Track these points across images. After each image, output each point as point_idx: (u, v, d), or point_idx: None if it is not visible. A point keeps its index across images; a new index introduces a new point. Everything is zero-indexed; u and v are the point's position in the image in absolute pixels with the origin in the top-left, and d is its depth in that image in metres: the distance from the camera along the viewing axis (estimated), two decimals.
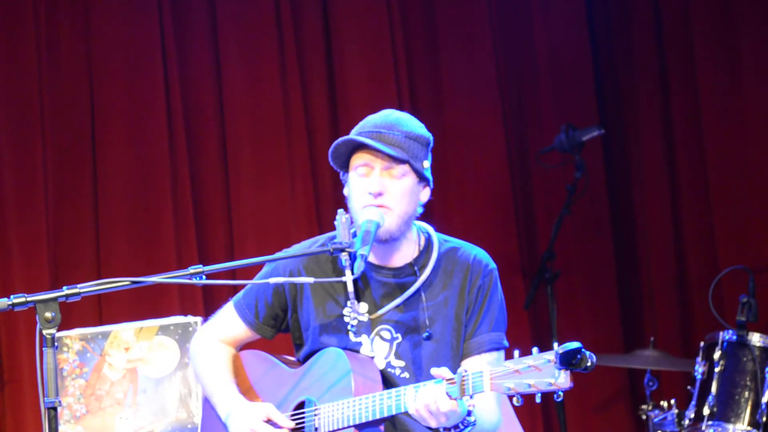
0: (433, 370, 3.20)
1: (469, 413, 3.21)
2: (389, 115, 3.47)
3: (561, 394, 2.97)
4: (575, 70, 6.66)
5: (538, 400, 3.00)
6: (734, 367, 5.17)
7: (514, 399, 3.02)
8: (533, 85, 6.62)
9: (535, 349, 3.01)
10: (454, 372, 3.17)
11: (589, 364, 2.91)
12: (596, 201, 6.58)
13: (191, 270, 3.21)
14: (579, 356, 2.90)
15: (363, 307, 3.51)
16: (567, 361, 2.91)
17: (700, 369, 5.25)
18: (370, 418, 3.33)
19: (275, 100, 6.16)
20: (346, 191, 3.51)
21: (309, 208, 6.13)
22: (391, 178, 3.41)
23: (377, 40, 6.32)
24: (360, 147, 3.42)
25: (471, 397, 3.13)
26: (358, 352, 3.50)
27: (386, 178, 3.40)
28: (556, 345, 2.95)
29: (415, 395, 3.21)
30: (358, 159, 3.43)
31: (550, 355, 2.95)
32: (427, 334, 3.47)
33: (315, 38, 6.26)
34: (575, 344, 2.91)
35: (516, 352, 3.06)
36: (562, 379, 2.94)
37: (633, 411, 6.38)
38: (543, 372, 2.96)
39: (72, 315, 5.40)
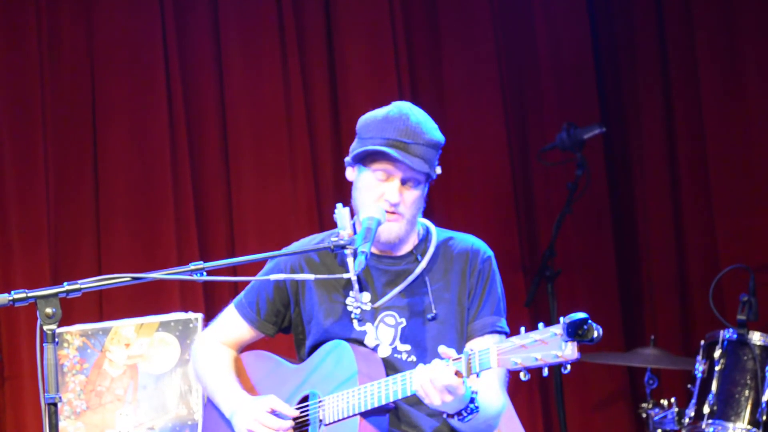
0: (441, 348, 3.21)
1: (472, 400, 3.23)
2: (409, 118, 3.47)
3: (568, 366, 2.99)
4: (577, 68, 6.66)
5: (545, 373, 3.02)
6: (734, 365, 5.17)
7: (521, 374, 3.04)
8: (535, 83, 6.62)
9: (540, 324, 3.04)
10: (460, 353, 3.18)
11: (595, 335, 2.92)
12: (597, 199, 6.58)
13: (192, 266, 3.21)
14: (586, 327, 2.92)
15: (366, 296, 3.54)
16: (574, 331, 2.93)
17: (700, 367, 5.25)
18: (376, 404, 3.33)
19: (276, 96, 6.15)
20: (348, 175, 3.54)
21: (310, 204, 6.13)
22: (409, 189, 3.46)
23: (379, 38, 6.31)
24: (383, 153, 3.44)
25: (477, 375, 3.14)
26: (362, 341, 3.52)
27: (404, 190, 3.46)
28: (562, 318, 2.96)
29: (420, 371, 3.22)
30: (380, 165, 3.45)
31: (556, 329, 2.98)
32: (432, 314, 3.51)
33: (317, 35, 6.25)
34: (582, 314, 2.93)
35: (522, 328, 3.08)
36: (569, 351, 2.96)
37: (633, 409, 6.37)
38: (549, 345, 2.98)
39: (72, 311, 5.41)
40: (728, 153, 6.32)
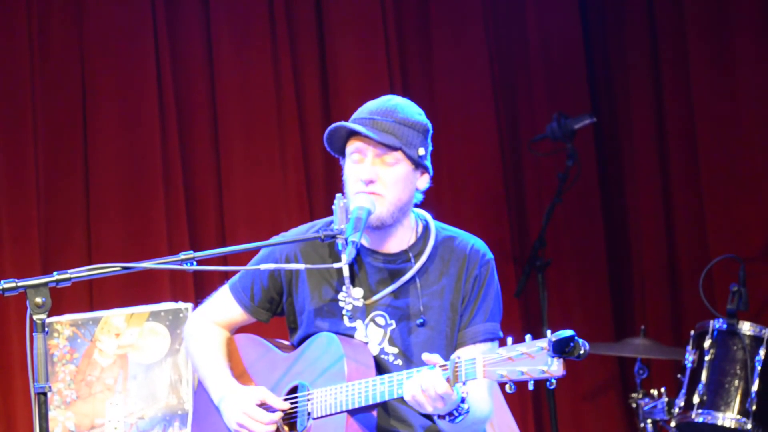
0: (425, 356, 3.18)
1: (462, 400, 3.20)
2: (387, 101, 3.45)
3: (554, 381, 2.96)
4: (567, 58, 6.67)
5: (530, 387, 3.00)
6: (724, 355, 5.19)
7: (507, 386, 3.00)
8: (525, 74, 6.62)
9: (528, 337, 3.00)
10: (447, 360, 3.16)
11: (582, 352, 2.90)
12: (587, 189, 6.59)
13: (182, 256, 3.20)
14: (572, 344, 2.89)
15: (358, 292, 3.51)
16: (560, 349, 2.90)
17: (690, 357, 5.27)
18: (363, 404, 3.32)
19: (267, 86, 6.15)
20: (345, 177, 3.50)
21: (300, 195, 6.12)
22: (384, 165, 3.39)
23: (369, 30, 6.31)
24: (354, 133, 3.41)
25: (464, 383, 3.11)
26: (352, 337, 3.50)
27: (378, 166, 3.39)
28: (549, 333, 2.94)
29: (410, 380, 3.19)
30: (352, 146, 3.42)
31: (543, 343, 2.94)
32: (421, 320, 3.46)
33: (307, 26, 6.25)
34: (568, 332, 2.90)
35: (509, 339, 3.05)
36: (555, 367, 2.93)
37: (623, 399, 6.39)
38: (536, 359, 2.95)
39: (63, 300, 5.40)
40: (718, 143, 6.32)
